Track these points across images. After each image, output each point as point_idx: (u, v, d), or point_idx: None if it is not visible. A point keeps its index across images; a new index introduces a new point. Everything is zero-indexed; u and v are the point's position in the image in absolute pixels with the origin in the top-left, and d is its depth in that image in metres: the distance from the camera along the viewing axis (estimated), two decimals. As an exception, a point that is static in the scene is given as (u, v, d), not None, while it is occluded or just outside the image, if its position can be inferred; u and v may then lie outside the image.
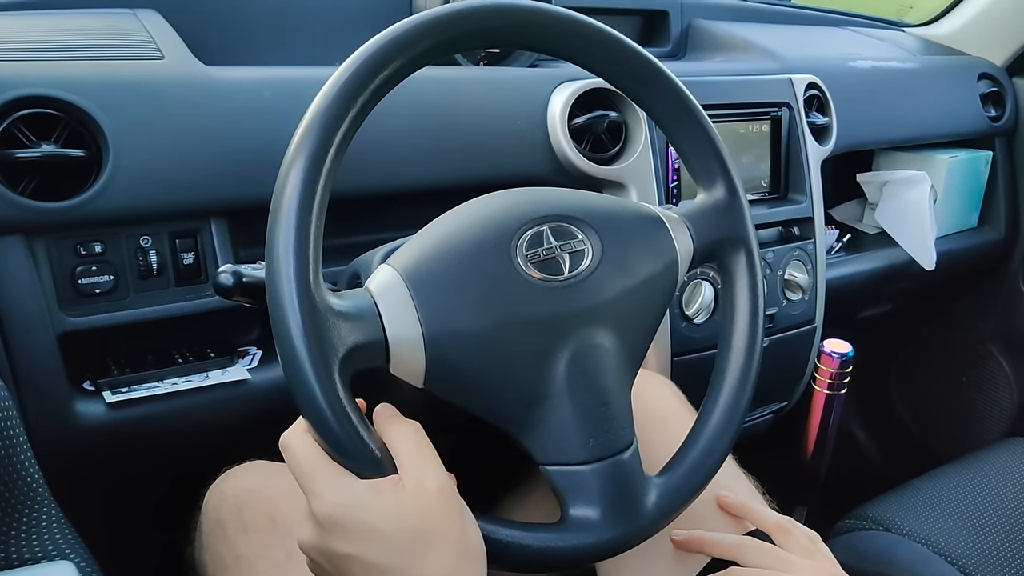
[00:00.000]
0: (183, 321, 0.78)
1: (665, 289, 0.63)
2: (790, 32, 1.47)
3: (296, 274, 0.47)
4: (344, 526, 0.47)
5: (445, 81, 0.91)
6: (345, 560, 0.47)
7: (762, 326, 0.66)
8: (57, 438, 0.73)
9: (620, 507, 0.56)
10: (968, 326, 1.69)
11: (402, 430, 0.50)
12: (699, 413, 0.64)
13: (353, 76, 0.51)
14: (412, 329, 0.52)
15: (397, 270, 0.54)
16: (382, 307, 0.52)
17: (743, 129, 1.11)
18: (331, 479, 0.48)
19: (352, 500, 0.47)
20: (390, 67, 0.52)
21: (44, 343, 0.71)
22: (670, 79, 0.64)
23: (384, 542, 0.46)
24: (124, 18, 0.90)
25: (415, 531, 0.46)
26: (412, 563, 0.46)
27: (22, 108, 0.68)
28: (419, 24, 0.53)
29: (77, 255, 0.73)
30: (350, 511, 0.47)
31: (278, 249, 0.47)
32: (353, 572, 0.47)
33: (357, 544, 0.46)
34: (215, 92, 0.78)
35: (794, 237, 1.15)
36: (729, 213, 0.66)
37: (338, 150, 0.50)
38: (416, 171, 0.86)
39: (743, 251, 0.66)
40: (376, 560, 0.46)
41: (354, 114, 0.51)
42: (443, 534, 0.47)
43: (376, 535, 0.46)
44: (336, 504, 0.47)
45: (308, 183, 0.48)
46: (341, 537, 0.47)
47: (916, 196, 1.31)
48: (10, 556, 0.59)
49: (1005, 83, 1.53)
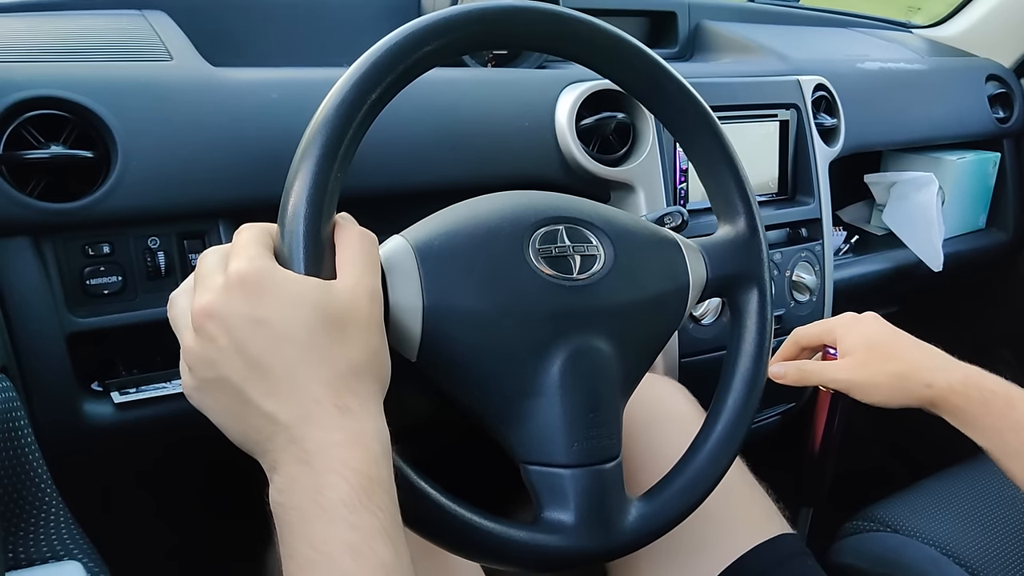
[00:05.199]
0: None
1: (672, 312, 0.63)
2: (798, 33, 1.47)
3: (307, 218, 0.47)
4: (265, 288, 0.44)
5: (453, 82, 0.91)
6: (253, 327, 0.43)
7: (764, 370, 0.66)
8: (65, 439, 0.73)
9: (594, 518, 0.56)
10: (976, 327, 1.68)
11: (351, 235, 0.49)
12: (692, 442, 0.64)
13: (363, 77, 0.51)
14: (413, 298, 0.52)
15: (408, 241, 0.55)
16: (388, 272, 0.53)
17: (751, 130, 1.10)
18: (261, 252, 0.46)
19: (279, 272, 0.45)
20: (399, 68, 0.52)
21: (52, 344, 0.71)
22: (700, 104, 0.65)
23: (302, 314, 0.44)
24: (132, 19, 0.90)
25: (335, 317, 0.45)
26: (324, 343, 0.44)
27: (31, 109, 0.69)
28: (428, 25, 0.53)
29: (85, 256, 0.73)
30: (276, 276, 0.45)
31: (292, 193, 0.48)
32: (255, 343, 0.43)
33: (273, 310, 0.44)
34: (223, 93, 0.78)
35: (802, 238, 1.15)
36: (747, 250, 0.66)
37: (347, 151, 0.50)
38: (424, 172, 0.86)
39: (756, 290, 0.66)
40: (288, 331, 0.43)
41: (363, 115, 0.51)
42: (359, 332, 0.46)
43: (296, 306, 0.44)
44: (262, 267, 0.45)
45: (318, 185, 0.48)
46: (258, 299, 0.44)
47: (924, 197, 1.30)
48: (18, 556, 0.59)
49: (1013, 84, 1.53)
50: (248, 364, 0.43)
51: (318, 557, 0.40)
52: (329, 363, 0.44)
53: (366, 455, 0.43)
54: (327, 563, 0.40)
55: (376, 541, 0.40)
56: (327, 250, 0.49)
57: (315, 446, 0.42)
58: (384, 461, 0.44)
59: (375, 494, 0.42)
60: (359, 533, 0.40)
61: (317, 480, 0.41)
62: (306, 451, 0.42)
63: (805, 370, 0.80)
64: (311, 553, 0.40)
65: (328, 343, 0.44)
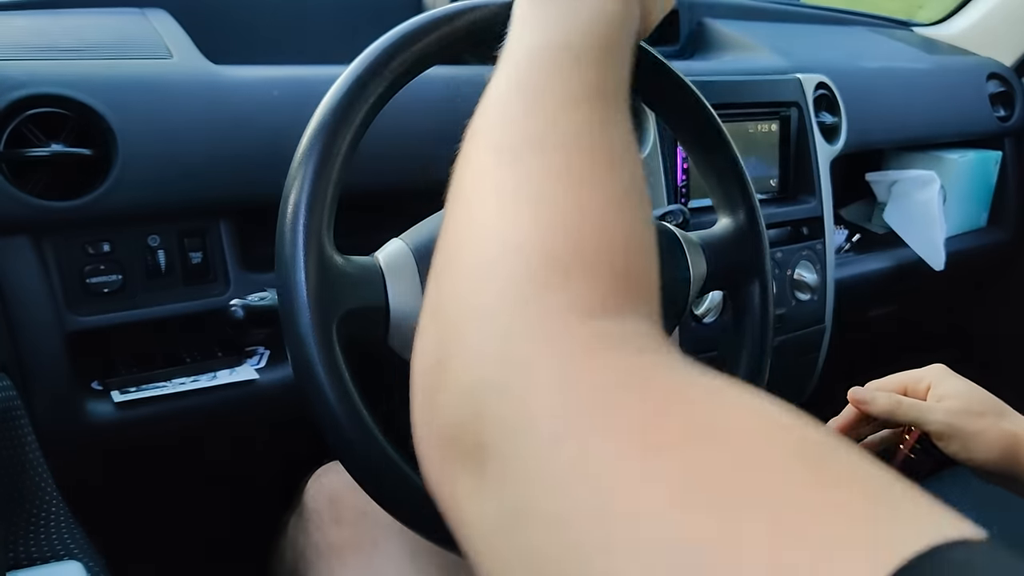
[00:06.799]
0: (191, 320, 0.78)
1: (673, 306, 0.63)
2: (799, 31, 1.46)
3: (304, 228, 0.47)
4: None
5: (453, 79, 0.91)
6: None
7: (767, 364, 0.65)
8: (65, 438, 0.72)
9: None
10: (977, 326, 1.68)
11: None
12: None
13: (364, 73, 0.51)
14: (414, 302, 0.52)
15: (407, 244, 0.55)
16: (388, 276, 0.52)
17: (752, 129, 1.10)
18: None
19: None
20: (400, 65, 0.52)
21: (52, 342, 0.71)
22: (701, 101, 0.64)
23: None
24: (132, 17, 0.90)
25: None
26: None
27: (31, 107, 0.68)
28: (428, 22, 0.53)
29: (85, 254, 0.73)
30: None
31: (289, 203, 0.48)
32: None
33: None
34: (224, 91, 0.78)
35: (803, 237, 1.15)
36: (747, 242, 0.66)
37: (349, 148, 0.50)
38: (425, 169, 0.86)
39: (757, 283, 0.66)
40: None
41: (365, 112, 0.51)
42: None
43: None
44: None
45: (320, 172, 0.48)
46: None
47: (925, 196, 1.30)
48: (19, 555, 0.59)
49: (1014, 83, 1.53)
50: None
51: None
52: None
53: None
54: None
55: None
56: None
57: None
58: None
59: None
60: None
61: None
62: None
63: (901, 403, 0.69)
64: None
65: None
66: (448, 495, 0.29)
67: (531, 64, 0.38)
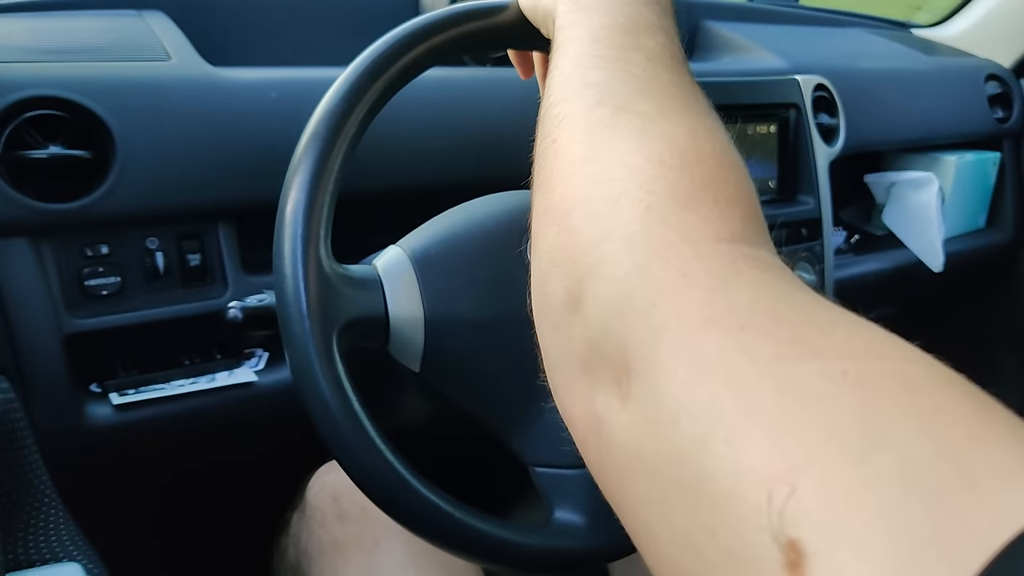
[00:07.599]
0: (189, 323, 0.78)
1: None
2: (798, 33, 1.46)
3: (302, 239, 0.47)
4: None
5: (452, 81, 0.91)
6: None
7: None
8: (64, 440, 0.72)
9: (605, 518, 0.55)
10: (976, 328, 1.68)
11: None
12: None
13: (362, 76, 0.51)
14: (414, 309, 0.52)
15: (405, 251, 0.54)
16: (386, 284, 0.52)
17: (751, 130, 1.10)
18: None
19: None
20: (398, 67, 0.52)
21: (50, 345, 0.71)
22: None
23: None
24: (130, 20, 0.90)
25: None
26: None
27: (29, 109, 0.68)
28: (426, 24, 0.53)
29: (83, 257, 0.72)
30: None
31: (287, 212, 0.48)
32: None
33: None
34: (222, 93, 0.78)
35: (802, 238, 1.15)
36: None
37: (347, 150, 0.50)
38: (423, 172, 0.86)
39: None
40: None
41: (363, 114, 0.51)
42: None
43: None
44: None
45: (316, 181, 0.48)
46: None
47: (924, 197, 1.30)
48: (18, 557, 0.59)
49: (1013, 85, 1.53)
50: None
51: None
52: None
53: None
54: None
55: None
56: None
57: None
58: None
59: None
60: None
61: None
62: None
63: None
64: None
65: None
66: (590, 416, 0.30)
67: (607, 36, 0.39)
